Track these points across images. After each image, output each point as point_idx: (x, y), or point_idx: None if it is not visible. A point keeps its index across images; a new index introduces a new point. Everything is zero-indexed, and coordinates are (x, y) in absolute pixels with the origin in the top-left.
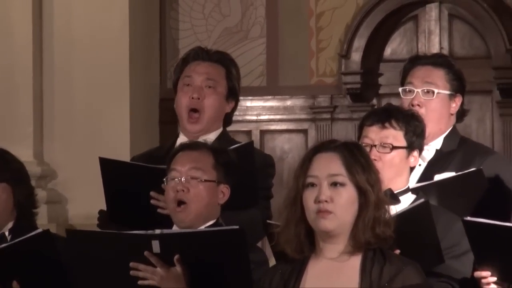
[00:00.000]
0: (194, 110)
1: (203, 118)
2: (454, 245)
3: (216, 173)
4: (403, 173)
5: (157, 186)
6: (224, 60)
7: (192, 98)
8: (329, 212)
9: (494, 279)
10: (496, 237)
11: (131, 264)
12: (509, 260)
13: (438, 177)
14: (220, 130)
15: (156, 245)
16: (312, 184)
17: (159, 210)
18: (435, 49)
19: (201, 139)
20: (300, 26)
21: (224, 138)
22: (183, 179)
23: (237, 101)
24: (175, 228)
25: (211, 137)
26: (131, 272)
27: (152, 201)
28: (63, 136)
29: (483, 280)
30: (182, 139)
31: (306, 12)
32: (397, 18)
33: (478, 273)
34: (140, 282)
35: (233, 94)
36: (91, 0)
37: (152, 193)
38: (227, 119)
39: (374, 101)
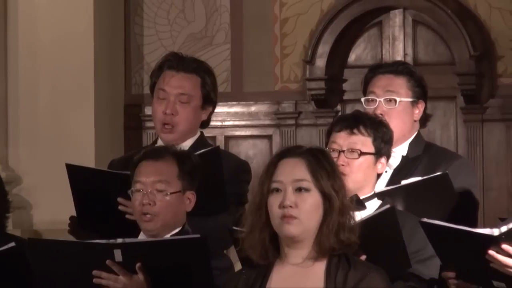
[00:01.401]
0: (167, 124)
1: (177, 130)
2: (420, 249)
3: (181, 182)
4: (370, 179)
5: (125, 192)
6: (199, 70)
7: (166, 113)
8: (294, 218)
9: (459, 280)
10: (451, 238)
11: (94, 272)
12: (467, 261)
13: (404, 182)
14: (196, 136)
15: (118, 254)
16: (277, 190)
17: (127, 216)
18: (399, 55)
19: (177, 147)
20: (265, 32)
21: (200, 143)
22: (148, 192)
23: (214, 105)
24: (141, 236)
25: (187, 144)
26: (94, 280)
27: (120, 207)
28: (28, 142)
29: (450, 281)
30: (159, 143)
31: (270, 18)
32: (362, 24)
33: (444, 274)
34: None
35: (209, 101)
36: (55, 5)
37: (119, 200)
38: (205, 123)
39: (339, 107)
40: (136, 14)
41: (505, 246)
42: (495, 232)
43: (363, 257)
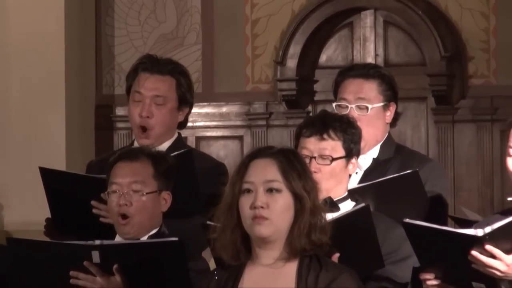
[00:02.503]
0: (144, 127)
1: (153, 134)
2: (393, 251)
3: (157, 182)
4: (342, 181)
5: (99, 195)
6: (174, 71)
7: (142, 116)
8: (265, 218)
9: (437, 281)
10: (433, 239)
11: (71, 273)
12: (447, 262)
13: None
14: (174, 137)
15: (96, 256)
16: (248, 190)
17: (101, 219)
18: (370, 56)
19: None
20: (236, 33)
21: (178, 145)
22: (124, 192)
23: (191, 106)
24: (118, 238)
25: (164, 146)
26: (71, 281)
27: (94, 210)
28: None
29: (427, 282)
30: (136, 146)
31: (241, 19)
32: (332, 25)
33: (422, 275)
34: None
35: (185, 102)
36: (26, 6)
37: (93, 203)
38: (182, 124)
39: (310, 108)
40: (107, 15)
41: (488, 247)
42: (479, 232)
43: (336, 255)
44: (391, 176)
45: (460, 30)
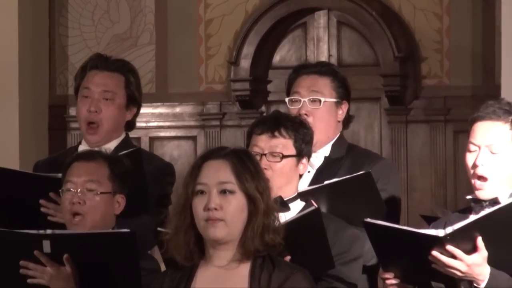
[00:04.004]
0: (92, 123)
1: (101, 130)
2: (343, 251)
3: (111, 184)
4: (292, 180)
5: (48, 194)
6: (123, 69)
7: (90, 111)
8: (219, 220)
9: (397, 281)
10: (394, 239)
11: (21, 262)
12: (407, 262)
13: (327, 183)
14: (121, 137)
15: (47, 245)
16: (202, 192)
17: (49, 218)
18: (323, 57)
19: (102, 148)
20: (189, 33)
21: (125, 145)
22: (78, 191)
23: (139, 107)
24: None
25: (112, 145)
26: (21, 271)
27: (42, 209)
28: None
29: (387, 282)
30: (84, 145)
31: (195, 19)
32: (286, 25)
33: (381, 274)
34: (29, 280)
35: (133, 101)
36: None
37: (41, 201)
38: (130, 125)
39: (263, 108)
40: (60, 15)
41: (449, 247)
42: (440, 233)
43: (288, 258)
44: (344, 177)
45: (413, 30)
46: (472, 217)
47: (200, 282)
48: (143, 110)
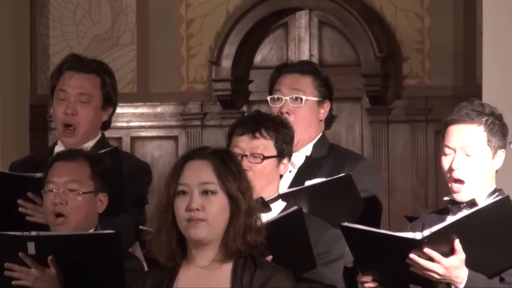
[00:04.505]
0: (68, 125)
1: (78, 132)
2: (325, 252)
3: (93, 183)
4: (273, 181)
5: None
6: (98, 70)
7: (66, 113)
8: (201, 220)
9: (375, 284)
10: (371, 242)
11: (6, 264)
12: (385, 265)
13: (308, 183)
14: (98, 137)
15: (31, 247)
16: (183, 192)
17: (27, 218)
18: (305, 56)
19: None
20: (171, 33)
21: (102, 144)
22: (60, 191)
23: (115, 106)
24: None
25: (88, 145)
26: (5, 273)
27: (20, 209)
28: None
29: (365, 285)
30: (60, 146)
31: (176, 19)
32: (267, 25)
33: (359, 277)
34: (14, 282)
35: (109, 102)
36: None
37: (19, 201)
38: (106, 124)
39: (244, 108)
40: (42, 15)
41: (427, 250)
42: (418, 236)
43: (269, 258)
44: (325, 179)
45: (394, 30)
46: (450, 219)
47: (182, 282)
48: (124, 110)
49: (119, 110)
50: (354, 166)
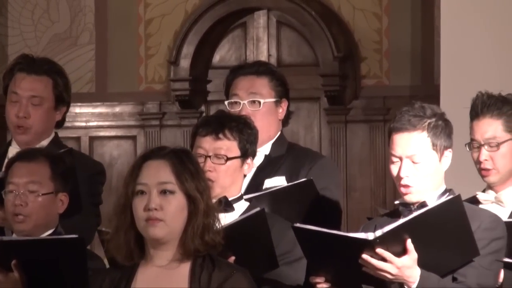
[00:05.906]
0: (20, 127)
1: (30, 132)
2: (287, 252)
3: (53, 184)
4: (237, 181)
5: None
6: (50, 71)
7: (18, 116)
8: (159, 220)
9: (328, 285)
10: (324, 243)
11: None
12: (337, 266)
13: (268, 182)
14: (51, 136)
15: None
16: (142, 192)
17: None
18: (263, 56)
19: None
20: (129, 33)
21: (55, 144)
22: (20, 192)
23: (68, 106)
24: (14, 236)
25: (42, 144)
26: None
27: None
28: None
29: (318, 286)
30: (14, 146)
31: (135, 19)
32: (226, 25)
33: (312, 278)
34: None
35: (62, 102)
36: None
37: None
38: (60, 123)
39: (203, 108)
40: (0, 14)
41: (379, 250)
42: (370, 236)
43: (232, 258)
44: (287, 185)
45: (352, 30)
46: (402, 220)
47: (140, 281)
48: (82, 109)
49: (77, 109)
50: (314, 164)
